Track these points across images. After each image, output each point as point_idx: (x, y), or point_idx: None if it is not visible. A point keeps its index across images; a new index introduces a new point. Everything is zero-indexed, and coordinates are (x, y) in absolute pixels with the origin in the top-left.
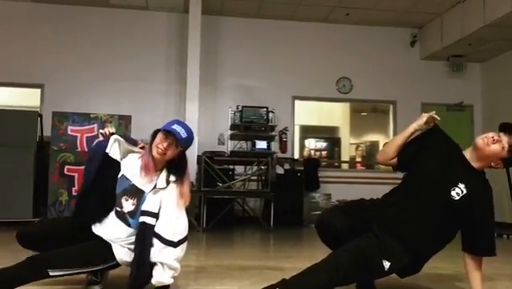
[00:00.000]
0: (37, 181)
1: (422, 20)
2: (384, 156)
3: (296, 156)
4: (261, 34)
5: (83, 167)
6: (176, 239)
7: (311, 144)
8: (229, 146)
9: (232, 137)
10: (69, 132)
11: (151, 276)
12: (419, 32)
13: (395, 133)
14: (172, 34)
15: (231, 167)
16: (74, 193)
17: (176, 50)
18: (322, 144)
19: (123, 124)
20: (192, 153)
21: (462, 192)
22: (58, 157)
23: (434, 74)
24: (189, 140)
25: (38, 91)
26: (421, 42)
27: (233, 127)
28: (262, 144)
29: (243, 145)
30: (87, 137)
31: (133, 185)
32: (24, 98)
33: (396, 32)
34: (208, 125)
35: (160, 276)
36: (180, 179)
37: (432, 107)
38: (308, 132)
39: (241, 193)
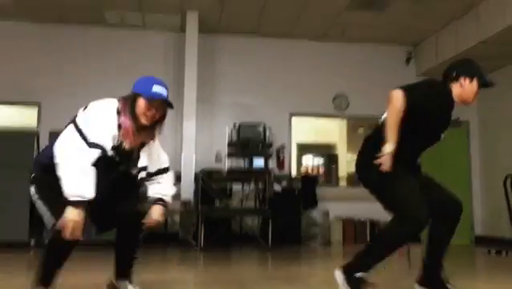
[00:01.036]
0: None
1: (417, 38)
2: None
3: (293, 173)
4: (257, 51)
5: None
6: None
7: (309, 161)
8: (227, 164)
9: (229, 155)
10: None
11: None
12: (414, 49)
13: None
14: (169, 52)
15: (228, 185)
16: None
17: (174, 67)
18: (319, 161)
19: None
20: (189, 171)
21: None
22: None
23: None
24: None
25: (35, 109)
26: (417, 59)
27: (230, 144)
28: (259, 162)
29: (240, 163)
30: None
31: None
32: (21, 116)
33: (391, 50)
34: (205, 143)
35: (168, 190)
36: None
37: None
38: (305, 149)
39: (239, 212)
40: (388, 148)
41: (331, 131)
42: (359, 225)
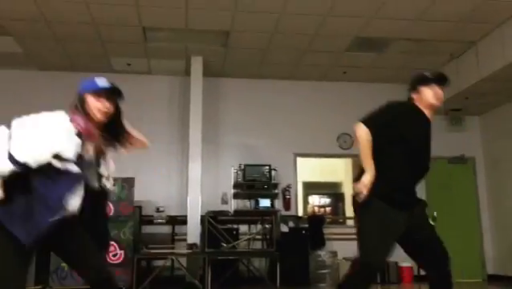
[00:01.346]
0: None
1: None
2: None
3: (300, 213)
4: (261, 93)
5: None
6: None
7: (315, 200)
8: (233, 205)
9: (235, 196)
10: None
11: None
12: None
13: None
14: (174, 95)
15: (235, 226)
16: None
17: (178, 110)
18: (325, 200)
19: (127, 186)
20: (195, 214)
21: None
22: None
23: (433, 127)
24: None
25: None
26: None
27: (236, 185)
28: (265, 203)
29: (247, 204)
30: None
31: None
32: None
33: (392, 88)
34: (211, 184)
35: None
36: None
37: (433, 161)
38: (311, 188)
39: (246, 254)
40: (366, 177)
41: (337, 169)
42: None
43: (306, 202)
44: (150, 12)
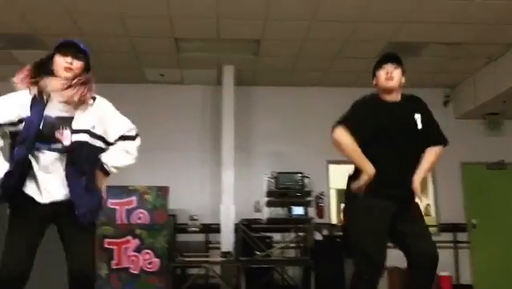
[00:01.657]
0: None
1: (454, 80)
2: (342, 152)
3: (334, 221)
4: (292, 100)
5: (123, 239)
6: (133, 133)
7: None
8: (266, 213)
9: (268, 204)
10: (109, 206)
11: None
12: (452, 92)
13: (435, 194)
14: (206, 104)
15: (268, 234)
16: (113, 267)
17: (211, 119)
18: None
19: (161, 195)
20: (228, 222)
21: (419, 119)
22: (98, 231)
23: (471, 133)
24: (87, 49)
25: None
26: (455, 101)
27: (269, 194)
28: (298, 210)
29: (280, 212)
30: (126, 210)
31: (58, 116)
32: None
33: (428, 92)
34: (244, 193)
35: (108, 158)
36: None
37: (471, 167)
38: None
39: (281, 262)
40: (363, 178)
41: None
42: (406, 275)
43: (339, 210)
44: (182, 23)
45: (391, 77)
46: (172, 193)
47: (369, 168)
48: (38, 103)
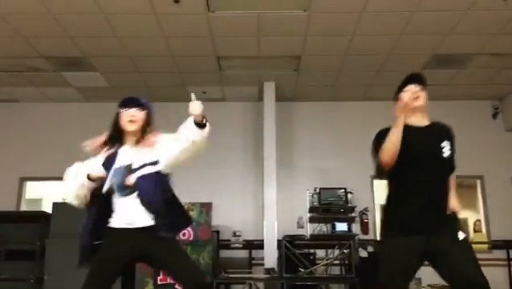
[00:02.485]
0: (124, 271)
1: (502, 91)
2: (392, 154)
3: (379, 237)
4: (334, 115)
5: None
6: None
7: None
8: (309, 229)
9: (311, 220)
10: None
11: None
12: (500, 103)
13: (485, 210)
14: (247, 120)
15: (312, 251)
16: (159, 283)
17: (252, 135)
18: None
19: (205, 211)
20: (272, 238)
21: (447, 147)
22: None
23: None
24: (147, 103)
25: None
26: (504, 113)
27: (311, 209)
28: (342, 226)
29: (323, 228)
30: None
31: (128, 164)
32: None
33: (475, 105)
34: (286, 208)
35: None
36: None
37: None
38: None
39: (325, 279)
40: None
41: None
42: None
43: None
44: (224, 42)
45: (417, 97)
46: (215, 209)
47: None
48: (111, 159)
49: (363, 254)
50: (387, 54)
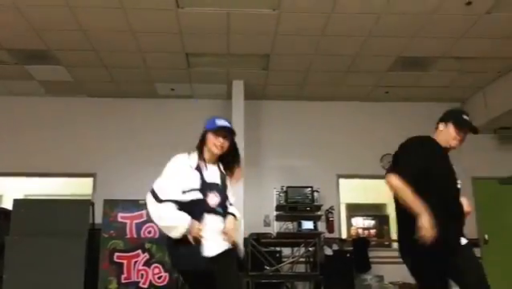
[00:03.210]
0: (87, 269)
1: (464, 94)
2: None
3: (344, 235)
4: (302, 115)
5: (132, 253)
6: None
7: (359, 222)
8: (275, 227)
9: (278, 218)
10: (119, 219)
11: None
12: (462, 106)
13: None
14: None
15: (278, 249)
16: (123, 281)
17: None
18: (370, 223)
19: None
20: (238, 235)
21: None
22: (108, 245)
23: (482, 147)
24: (232, 127)
25: (91, 180)
26: None
27: (278, 208)
28: (308, 225)
29: (289, 226)
30: (136, 224)
31: (210, 182)
32: (77, 187)
33: (437, 107)
34: (253, 207)
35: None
36: (237, 162)
37: (483, 182)
38: (355, 210)
39: (290, 277)
40: (423, 218)
41: (381, 191)
42: None
43: (349, 224)
44: (193, 38)
45: (459, 144)
46: None
47: (425, 221)
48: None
49: (328, 252)
50: (354, 55)
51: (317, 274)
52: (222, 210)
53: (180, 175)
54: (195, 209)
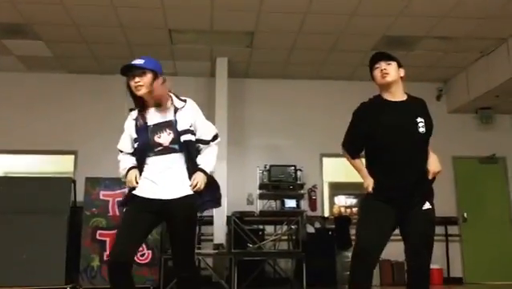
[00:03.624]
0: (69, 246)
1: (447, 74)
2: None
3: (326, 214)
4: (286, 93)
5: (114, 231)
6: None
7: (341, 201)
8: (259, 206)
9: (261, 197)
10: (101, 197)
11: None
12: (444, 86)
13: None
14: (199, 96)
15: (261, 227)
16: (106, 258)
17: (204, 111)
18: (352, 201)
19: None
20: (221, 214)
21: (422, 123)
22: (90, 222)
23: (463, 127)
24: (150, 61)
25: (72, 157)
26: (448, 95)
27: (261, 186)
28: (291, 203)
29: (272, 204)
30: (117, 201)
31: (155, 123)
32: (58, 164)
33: (421, 87)
34: (236, 185)
35: (205, 161)
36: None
37: (463, 161)
38: (337, 188)
39: (272, 254)
40: (365, 184)
41: None
42: (397, 267)
43: (332, 203)
44: (176, 14)
45: (386, 73)
46: None
47: (366, 183)
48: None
49: (311, 230)
50: (339, 33)
51: (299, 251)
52: (179, 147)
53: (128, 128)
54: (140, 155)
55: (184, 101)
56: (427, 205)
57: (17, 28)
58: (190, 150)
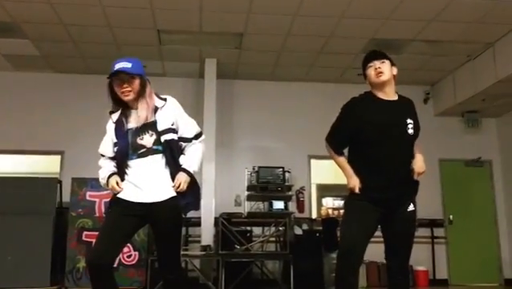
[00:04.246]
0: (55, 247)
1: (434, 77)
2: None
3: (314, 215)
4: (275, 95)
5: None
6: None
7: (329, 202)
8: (246, 207)
9: (249, 198)
10: (88, 198)
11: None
12: (431, 89)
13: None
14: (187, 97)
15: (249, 228)
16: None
17: (192, 112)
18: (339, 203)
19: None
20: (209, 216)
21: (411, 124)
22: (76, 223)
23: (449, 130)
24: (136, 64)
25: (58, 157)
26: (434, 99)
27: (249, 188)
28: (279, 205)
29: (260, 206)
30: (105, 202)
31: (137, 127)
32: (44, 165)
33: (408, 90)
34: (224, 187)
35: (189, 162)
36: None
37: (449, 164)
38: (325, 190)
39: (260, 256)
40: (350, 184)
41: None
42: (383, 268)
43: (320, 205)
44: (165, 15)
45: (381, 72)
46: None
47: (351, 183)
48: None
49: (298, 231)
50: (328, 36)
51: (287, 253)
52: (162, 147)
53: (109, 130)
54: (121, 159)
55: (165, 100)
56: (411, 207)
57: (3, 26)
58: (173, 149)
